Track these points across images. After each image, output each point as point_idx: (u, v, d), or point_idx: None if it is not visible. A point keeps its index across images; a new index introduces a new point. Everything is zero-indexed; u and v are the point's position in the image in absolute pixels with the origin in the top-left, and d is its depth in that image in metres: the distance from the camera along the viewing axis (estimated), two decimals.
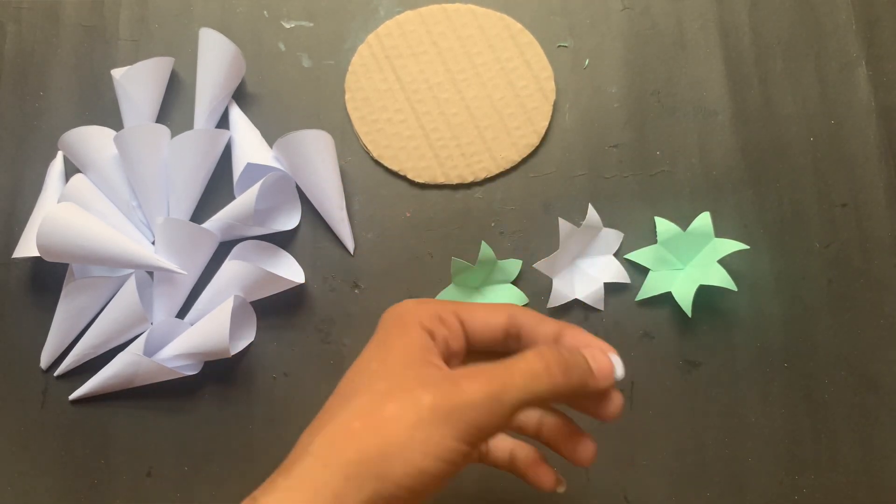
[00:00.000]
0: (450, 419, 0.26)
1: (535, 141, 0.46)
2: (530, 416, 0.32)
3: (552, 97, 0.46)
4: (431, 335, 0.30)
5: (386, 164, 0.46)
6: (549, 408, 0.33)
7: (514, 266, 0.44)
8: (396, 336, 0.29)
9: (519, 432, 0.33)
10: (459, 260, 0.43)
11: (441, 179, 0.46)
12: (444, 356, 0.30)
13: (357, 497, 0.25)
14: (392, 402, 0.26)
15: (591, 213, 0.43)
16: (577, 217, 0.45)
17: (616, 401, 0.30)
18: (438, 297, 0.44)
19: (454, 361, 0.31)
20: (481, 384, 0.26)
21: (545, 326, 0.31)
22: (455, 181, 0.46)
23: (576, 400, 0.31)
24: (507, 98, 0.46)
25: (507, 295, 0.44)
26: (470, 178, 0.46)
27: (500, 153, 0.46)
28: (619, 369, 0.30)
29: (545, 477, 0.32)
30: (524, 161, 0.46)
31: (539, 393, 0.27)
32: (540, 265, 0.42)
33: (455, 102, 0.46)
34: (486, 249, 0.43)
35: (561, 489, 0.32)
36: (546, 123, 0.46)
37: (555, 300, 0.44)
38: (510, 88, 0.46)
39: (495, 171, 0.46)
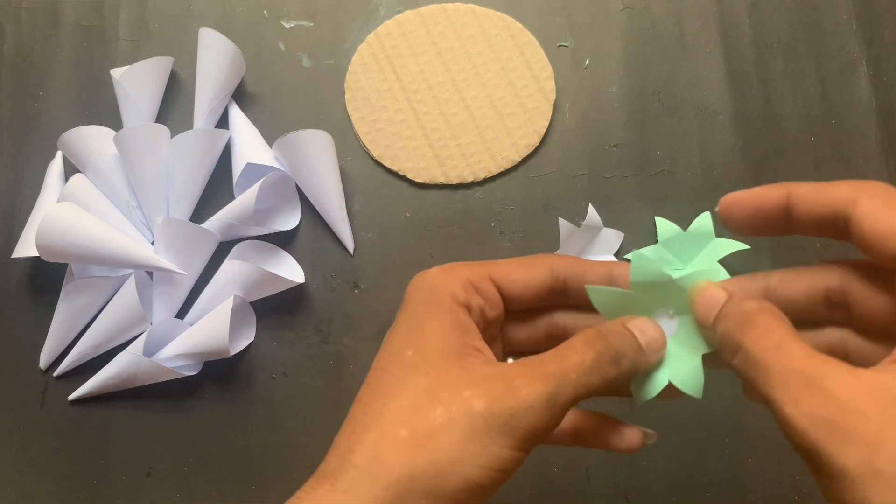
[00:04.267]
0: (506, 428, 0.23)
1: (536, 141, 0.46)
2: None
3: (552, 97, 0.46)
4: (467, 308, 0.27)
5: (386, 164, 0.46)
6: None
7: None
8: (428, 316, 0.26)
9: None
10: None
11: (441, 179, 0.46)
12: (481, 327, 0.27)
13: None
14: (440, 407, 0.24)
15: (591, 213, 0.43)
16: (577, 217, 0.45)
17: (634, 433, 0.28)
18: None
19: (492, 330, 0.28)
20: (538, 386, 0.24)
21: (594, 272, 0.28)
22: (455, 181, 0.46)
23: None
24: (507, 98, 0.46)
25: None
26: (470, 178, 0.46)
27: (500, 153, 0.46)
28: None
29: (631, 436, 0.28)
30: (524, 161, 0.46)
31: (592, 387, 0.25)
32: None
33: (455, 102, 0.46)
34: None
35: (652, 441, 0.28)
36: (546, 123, 0.46)
37: None
38: (510, 88, 0.46)
39: (495, 171, 0.46)
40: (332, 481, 0.24)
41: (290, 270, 0.44)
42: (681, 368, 0.27)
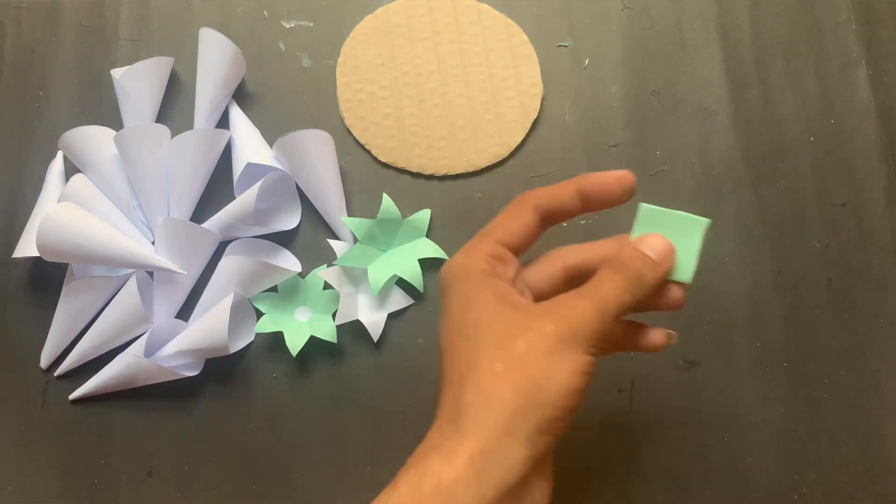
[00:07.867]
0: (577, 339, 0.29)
1: (505, 152, 0.46)
2: None
3: (533, 115, 0.46)
4: (498, 276, 0.32)
5: (355, 134, 0.46)
6: None
7: (423, 217, 0.44)
8: (473, 292, 0.31)
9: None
10: (353, 219, 0.44)
11: (402, 164, 0.46)
12: (511, 283, 0.32)
13: (525, 427, 0.28)
14: (518, 340, 0.29)
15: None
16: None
17: (675, 289, 0.32)
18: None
19: (519, 284, 0.33)
20: (589, 303, 0.30)
21: (561, 191, 0.34)
22: (415, 170, 0.46)
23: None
24: (488, 105, 0.47)
25: (422, 249, 0.44)
26: (430, 171, 0.46)
27: (469, 153, 0.46)
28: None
29: (655, 336, 0.33)
30: (524, 161, 0.46)
31: (627, 304, 0.30)
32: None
33: (439, 94, 0.47)
34: (387, 203, 0.43)
35: (674, 341, 0.34)
36: (520, 138, 0.46)
37: None
38: (493, 96, 0.47)
39: (480, 166, 0.46)
40: (454, 420, 0.28)
41: (287, 261, 0.44)
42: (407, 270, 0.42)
